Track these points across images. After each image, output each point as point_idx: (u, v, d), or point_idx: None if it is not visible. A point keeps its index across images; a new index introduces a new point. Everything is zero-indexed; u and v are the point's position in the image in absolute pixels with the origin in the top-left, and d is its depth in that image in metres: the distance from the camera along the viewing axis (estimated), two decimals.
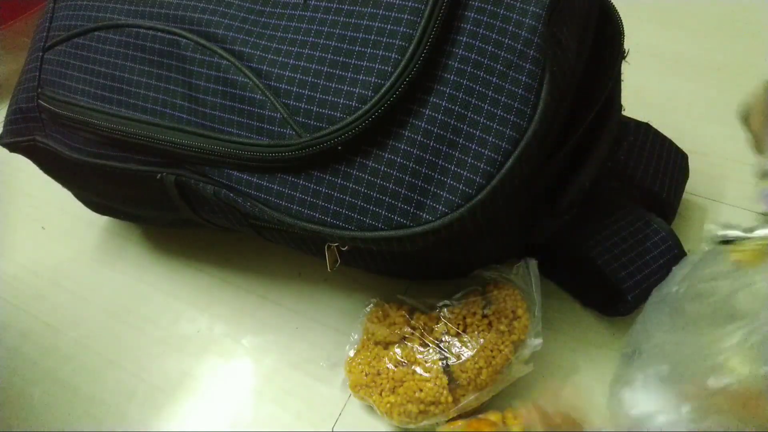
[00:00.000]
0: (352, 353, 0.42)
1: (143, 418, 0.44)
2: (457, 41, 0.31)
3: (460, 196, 0.31)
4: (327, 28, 0.33)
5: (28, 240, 0.60)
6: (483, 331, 0.38)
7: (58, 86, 0.42)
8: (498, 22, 0.31)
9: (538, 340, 0.38)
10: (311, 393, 0.43)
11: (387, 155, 0.32)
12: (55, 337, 0.50)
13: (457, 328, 0.38)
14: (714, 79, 0.61)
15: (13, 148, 0.47)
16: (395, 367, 0.38)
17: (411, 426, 0.38)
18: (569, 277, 0.45)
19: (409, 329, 0.40)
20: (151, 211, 0.48)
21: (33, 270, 0.56)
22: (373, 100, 0.31)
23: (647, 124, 0.48)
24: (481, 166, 0.31)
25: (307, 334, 0.47)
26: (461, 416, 0.38)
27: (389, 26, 0.32)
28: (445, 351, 0.38)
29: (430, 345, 0.38)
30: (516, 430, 0.35)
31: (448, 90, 0.31)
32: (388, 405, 0.38)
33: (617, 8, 0.39)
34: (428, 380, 0.37)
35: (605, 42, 0.39)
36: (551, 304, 0.44)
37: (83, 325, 0.51)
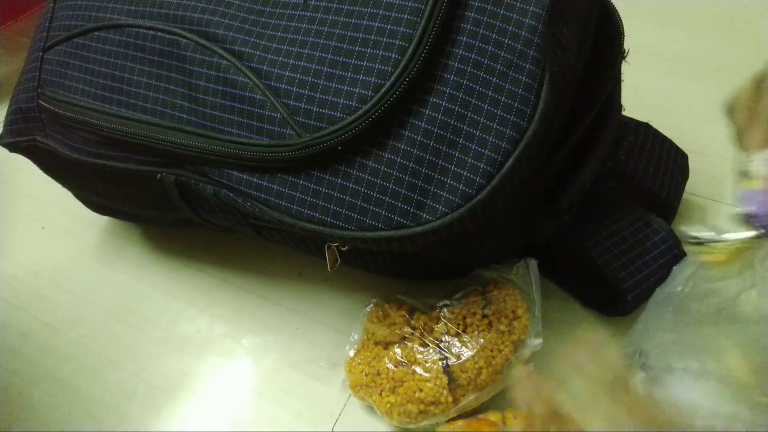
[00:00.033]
0: (352, 353, 0.42)
1: (143, 418, 0.44)
2: (457, 41, 0.31)
3: (460, 196, 0.31)
4: (327, 28, 0.33)
5: (28, 240, 0.60)
6: (483, 331, 0.38)
7: (58, 86, 0.42)
8: (498, 22, 0.31)
9: (538, 340, 0.38)
10: (311, 393, 0.43)
11: (387, 155, 0.32)
12: (55, 337, 0.50)
13: (457, 328, 0.38)
14: (714, 79, 0.61)
15: (13, 148, 0.47)
16: (395, 367, 0.38)
17: (411, 426, 0.38)
18: (569, 277, 0.45)
19: (409, 329, 0.40)
20: (151, 211, 0.48)
21: (33, 270, 0.56)
22: (373, 100, 0.31)
23: (647, 124, 0.48)
24: (481, 166, 0.31)
25: (307, 334, 0.47)
26: (461, 416, 0.38)
27: (389, 26, 0.32)
28: (445, 351, 0.38)
29: (430, 345, 0.38)
30: (516, 430, 0.35)
31: (448, 90, 0.31)
32: (388, 405, 0.38)
33: (617, 8, 0.39)
34: (428, 380, 0.37)
35: (605, 42, 0.39)
36: (551, 304, 0.44)
37: (83, 325, 0.51)
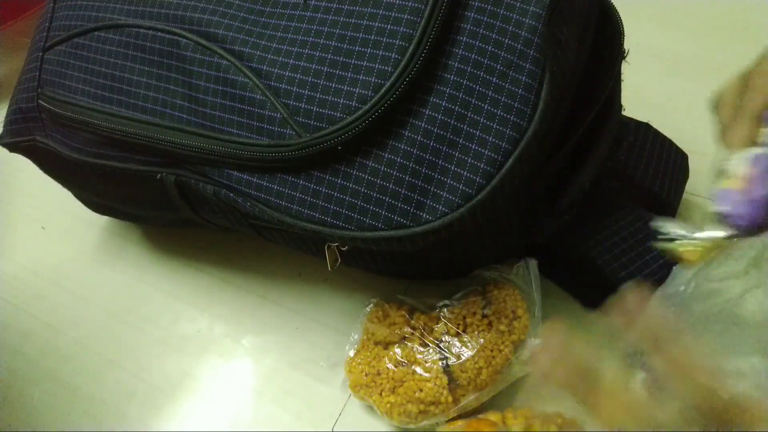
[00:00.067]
0: (352, 353, 0.42)
1: (143, 418, 0.44)
2: (457, 41, 0.31)
3: (460, 196, 0.31)
4: (327, 28, 0.33)
5: (28, 240, 0.60)
6: (483, 331, 0.38)
7: (58, 86, 0.42)
8: (498, 22, 0.31)
9: (538, 340, 0.38)
10: (311, 393, 0.43)
11: (387, 155, 0.32)
12: (55, 337, 0.50)
13: (457, 328, 0.38)
14: (714, 79, 0.60)
15: (13, 148, 0.47)
16: (395, 367, 0.38)
17: (411, 426, 0.38)
18: (569, 277, 0.45)
19: (409, 329, 0.40)
20: (151, 211, 0.48)
21: (33, 270, 0.56)
22: (373, 100, 0.31)
23: (647, 124, 0.48)
24: (481, 166, 0.31)
25: (307, 334, 0.47)
26: (461, 416, 0.38)
27: (389, 26, 0.32)
28: (445, 351, 0.38)
29: (430, 345, 0.38)
30: (516, 430, 0.35)
31: (448, 90, 0.31)
32: (388, 405, 0.38)
33: (617, 8, 0.39)
34: (428, 380, 0.37)
35: (605, 42, 0.39)
36: (551, 304, 0.44)
37: (83, 325, 0.51)
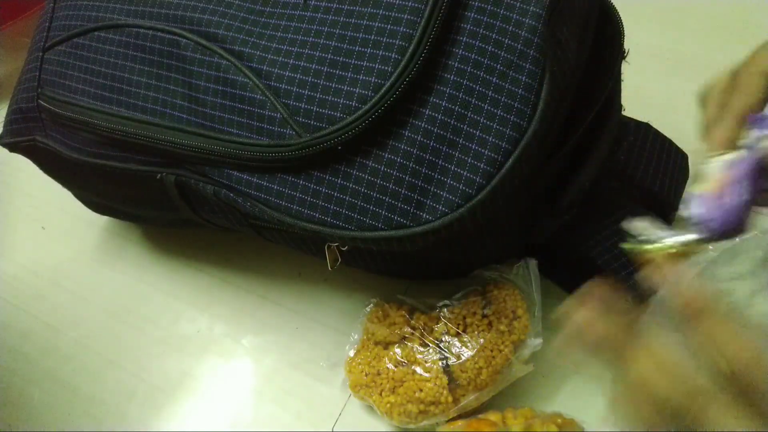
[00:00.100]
0: (352, 353, 0.42)
1: (143, 418, 0.44)
2: (457, 41, 0.31)
3: (460, 196, 0.31)
4: (327, 28, 0.33)
5: (28, 240, 0.60)
6: (483, 331, 0.38)
7: (58, 86, 0.42)
8: (498, 22, 0.31)
9: (538, 340, 0.38)
10: (311, 393, 0.43)
11: (387, 155, 0.32)
12: (55, 337, 0.50)
13: (457, 328, 0.38)
14: None
15: (13, 148, 0.47)
16: (395, 367, 0.38)
17: (411, 426, 0.38)
18: (569, 277, 0.45)
19: (409, 329, 0.40)
20: (151, 211, 0.48)
21: (33, 270, 0.56)
22: (373, 100, 0.31)
23: (647, 124, 0.48)
24: (481, 166, 0.31)
25: (307, 334, 0.47)
26: (461, 416, 0.38)
27: (389, 26, 0.32)
28: (445, 351, 0.38)
29: (430, 345, 0.38)
30: (516, 430, 0.35)
31: (448, 90, 0.31)
32: (388, 405, 0.38)
33: (617, 8, 0.39)
34: (428, 380, 0.37)
35: (605, 42, 0.39)
36: (551, 304, 0.43)
37: (83, 325, 0.51)
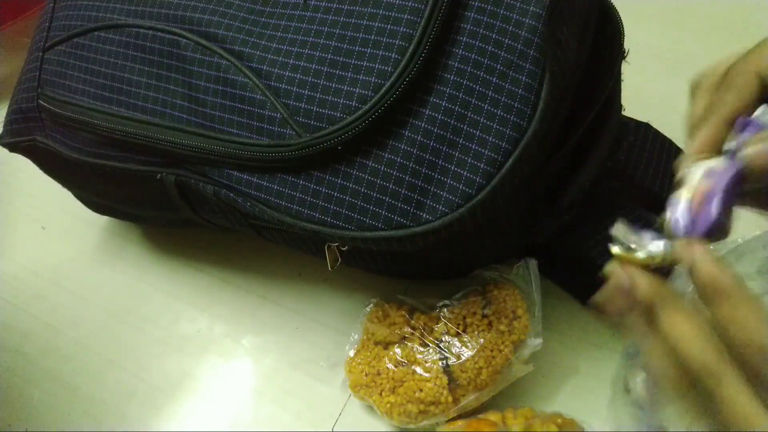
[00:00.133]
0: (352, 353, 0.42)
1: (143, 418, 0.44)
2: (457, 41, 0.31)
3: (460, 196, 0.31)
4: (327, 28, 0.33)
5: (28, 240, 0.60)
6: (483, 331, 0.38)
7: (58, 86, 0.42)
8: (498, 22, 0.31)
9: (538, 340, 0.38)
10: (311, 393, 0.43)
11: (387, 155, 0.32)
12: (55, 337, 0.50)
13: (457, 328, 0.38)
14: None
15: (13, 148, 0.47)
16: (395, 367, 0.38)
17: (411, 426, 0.38)
18: (569, 277, 0.45)
19: (409, 329, 0.40)
20: (151, 211, 0.48)
21: (33, 270, 0.56)
22: (373, 100, 0.31)
23: (647, 124, 0.48)
24: (481, 166, 0.31)
25: (307, 334, 0.47)
26: (461, 416, 0.38)
27: (389, 26, 0.32)
28: (445, 351, 0.38)
29: (430, 345, 0.38)
30: (516, 430, 0.35)
31: (448, 90, 0.31)
32: (388, 405, 0.38)
33: (617, 8, 0.39)
34: (428, 380, 0.37)
35: (605, 42, 0.39)
36: (551, 304, 0.44)
37: (83, 325, 0.51)
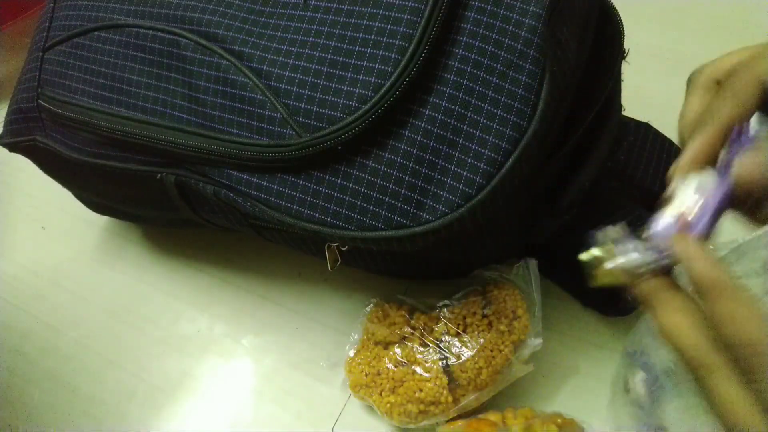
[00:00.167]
0: (352, 353, 0.42)
1: (143, 418, 0.44)
2: (457, 41, 0.31)
3: (460, 196, 0.31)
4: (327, 28, 0.33)
5: (28, 240, 0.60)
6: (483, 331, 0.38)
7: (58, 86, 0.42)
8: (498, 22, 0.31)
9: (538, 340, 0.38)
10: (311, 393, 0.43)
11: (387, 155, 0.32)
12: (55, 337, 0.50)
13: (457, 328, 0.38)
14: None
15: (13, 148, 0.47)
16: (395, 367, 0.38)
17: (411, 426, 0.38)
18: (569, 277, 0.45)
19: (409, 329, 0.40)
20: (151, 211, 0.48)
21: (33, 270, 0.56)
22: (373, 100, 0.31)
23: (647, 124, 0.48)
24: (481, 166, 0.31)
25: (307, 334, 0.47)
26: (461, 416, 0.38)
27: (389, 26, 0.32)
28: (445, 351, 0.38)
29: (430, 345, 0.38)
30: (516, 430, 0.35)
31: (448, 90, 0.31)
32: (388, 405, 0.38)
33: (617, 8, 0.39)
34: (428, 380, 0.37)
35: (605, 42, 0.39)
36: (551, 304, 0.44)
37: (83, 325, 0.51)
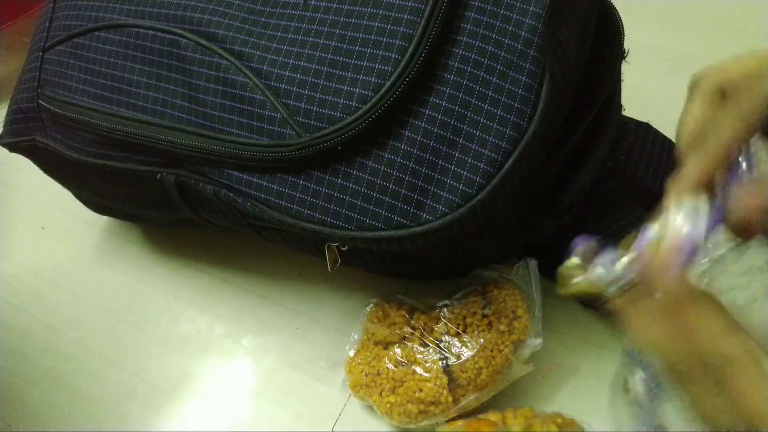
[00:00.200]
0: (352, 353, 0.41)
1: (143, 418, 0.44)
2: (457, 41, 0.31)
3: (460, 196, 0.31)
4: (327, 28, 0.33)
5: (28, 240, 0.60)
6: (483, 331, 0.38)
7: (58, 86, 0.42)
8: (498, 22, 0.31)
9: (538, 340, 0.38)
10: (311, 393, 0.43)
11: (387, 155, 0.32)
12: (55, 337, 0.50)
13: (457, 328, 0.38)
14: None
15: (13, 148, 0.47)
16: (395, 367, 0.38)
17: (411, 426, 0.38)
18: None
19: (409, 329, 0.40)
20: (151, 211, 0.48)
21: (33, 270, 0.56)
22: (373, 100, 0.31)
23: (647, 124, 0.48)
24: (481, 166, 0.31)
25: (307, 334, 0.47)
26: (461, 416, 0.38)
27: (389, 26, 0.32)
28: (445, 351, 0.38)
29: (430, 345, 0.38)
30: (516, 430, 0.35)
31: (448, 90, 0.31)
32: (388, 405, 0.38)
33: (617, 8, 0.39)
34: (428, 380, 0.37)
35: (605, 42, 0.39)
36: (551, 304, 0.44)
37: (83, 325, 0.51)
